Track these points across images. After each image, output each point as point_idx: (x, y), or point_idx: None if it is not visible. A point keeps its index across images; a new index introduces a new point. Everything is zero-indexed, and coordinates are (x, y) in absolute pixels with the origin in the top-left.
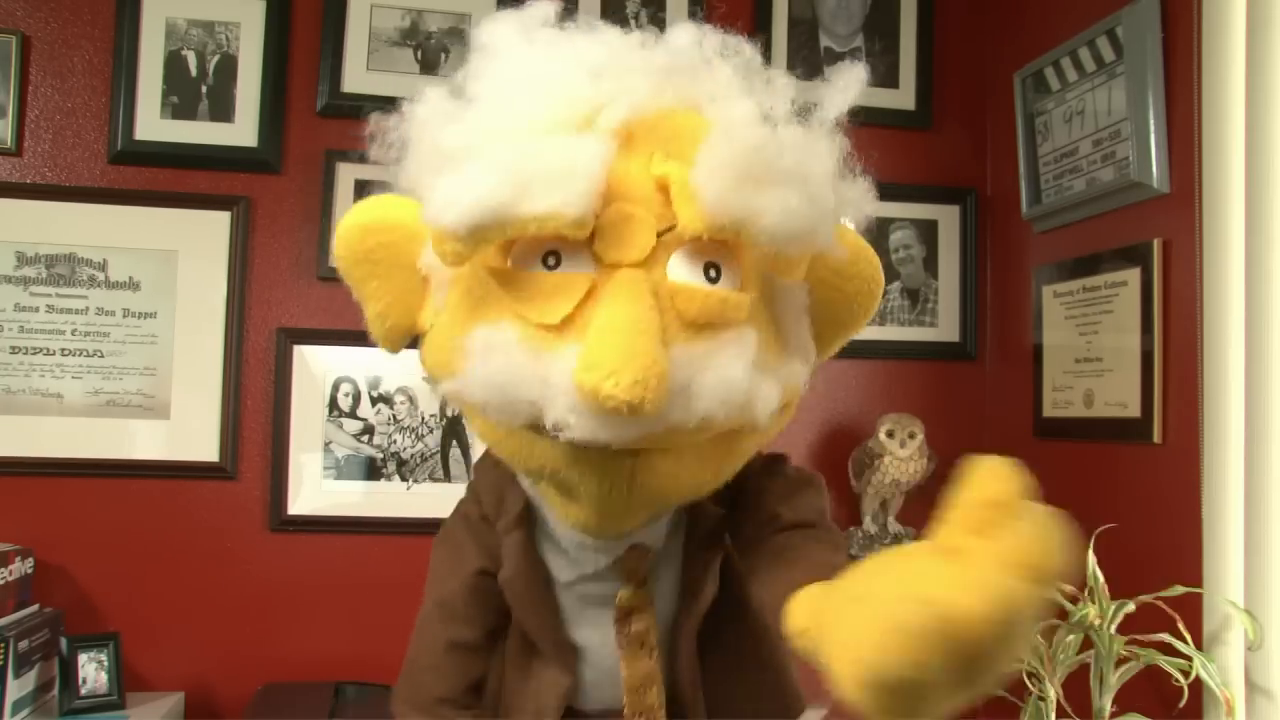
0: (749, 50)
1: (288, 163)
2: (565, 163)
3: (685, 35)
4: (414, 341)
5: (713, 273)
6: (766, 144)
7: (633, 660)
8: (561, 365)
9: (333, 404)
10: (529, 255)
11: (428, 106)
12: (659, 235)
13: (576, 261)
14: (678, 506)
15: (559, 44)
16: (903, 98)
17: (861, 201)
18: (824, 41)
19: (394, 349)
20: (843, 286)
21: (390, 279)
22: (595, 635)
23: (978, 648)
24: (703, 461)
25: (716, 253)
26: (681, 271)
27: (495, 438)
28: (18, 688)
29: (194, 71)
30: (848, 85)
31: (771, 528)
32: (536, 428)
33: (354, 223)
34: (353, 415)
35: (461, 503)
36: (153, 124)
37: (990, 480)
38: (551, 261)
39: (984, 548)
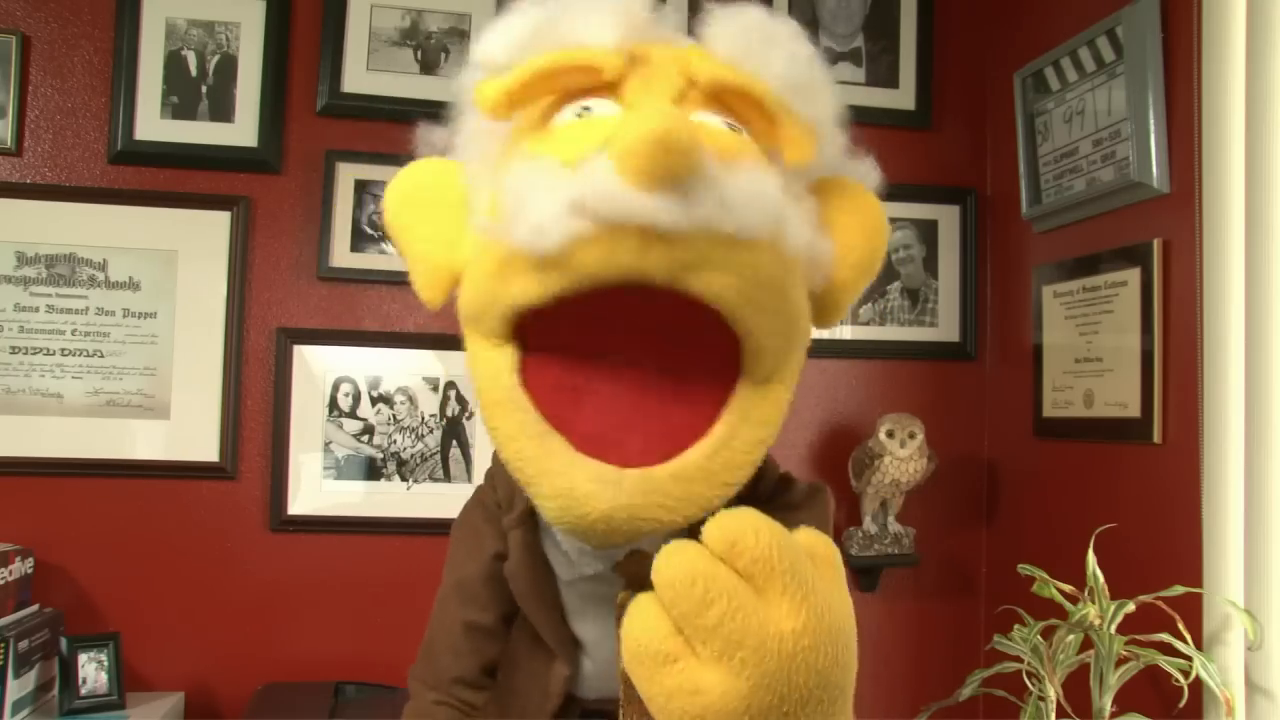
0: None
1: (288, 163)
2: (608, 6)
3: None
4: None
5: (735, 129)
6: (771, 18)
7: None
8: (595, 166)
9: (333, 404)
10: (561, 115)
11: (491, 29)
12: (682, 96)
13: (606, 108)
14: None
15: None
16: (903, 98)
17: (869, 175)
18: (824, 41)
19: (435, 295)
20: (848, 224)
21: (433, 218)
22: (596, 630)
23: None
24: (687, 496)
25: (739, 108)
26: (705, 119)
27: (500, 436)
28: (18, 688)
29: (194, 71)
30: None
31: None
32: (564, 240)
33: (400, 177)
34: (353, 415)
35: (479, 489)
36: (153, 124)
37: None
38: (583, 114)
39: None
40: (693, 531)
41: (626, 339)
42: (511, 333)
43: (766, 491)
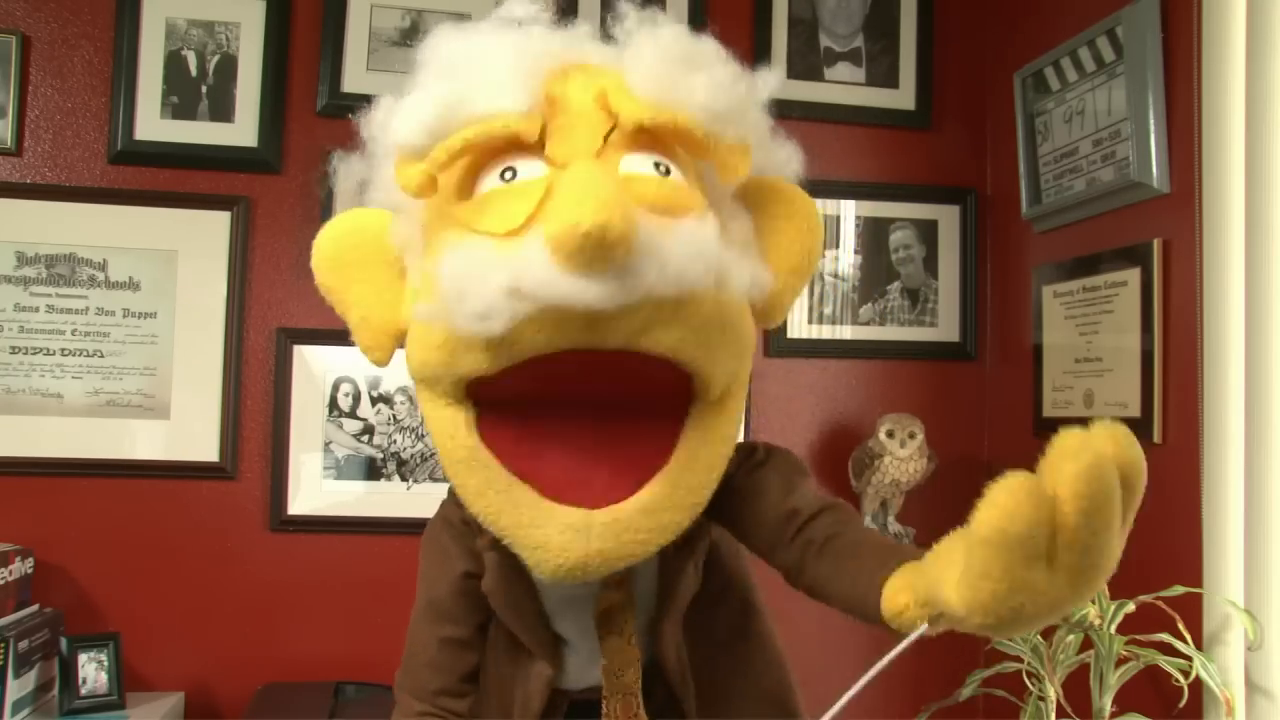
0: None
1: (288, 163)
2: (508, 66)
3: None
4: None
5: (662, 169)
6: (689, 38)
7: (611, 649)
8: (530, 248)
9: (333, 404)
10: (486, 175)
11: (379, 110)
12: (605, 137)
13: (531, 169)
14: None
15: (494, 32)
16: (902, 98)
17: (789, 162)
18: (824, 41)
19: (382, 357)
20: (784, 229)
21: (367, 280)
22: (578, 626)
23: (1087, 504)
24: (644, 528)
25: (663, 153)
26: (633, 166)
27: (465, 493)
28: (18, 688)
29: (194, 71)
30: (768, 78)
31: (793, 525)
32: (506, 320)
33: (325, 236)
34: (353, 415)
35: (444, 505)
36: (153, 124)
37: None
38: (508, 176)
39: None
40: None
41: (579, 384)
42: (464, 392)
43: (733, 464)
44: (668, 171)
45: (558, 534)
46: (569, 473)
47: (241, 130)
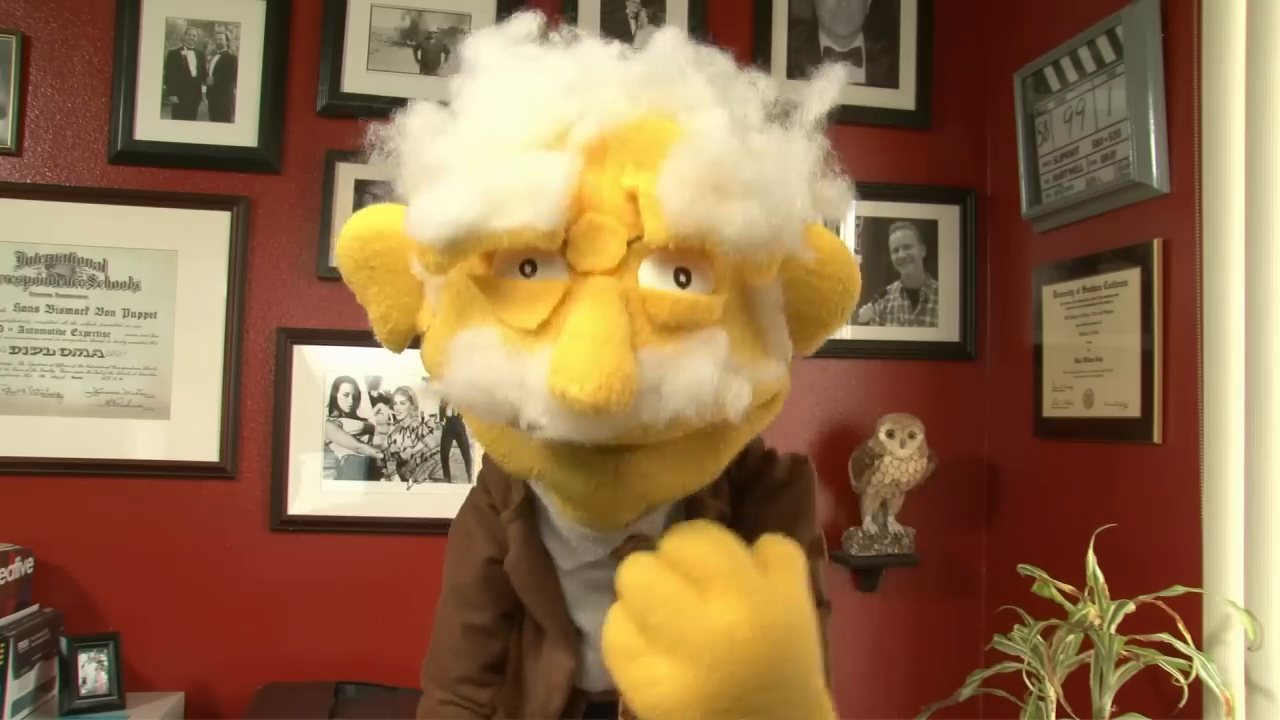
0: (723, 59)
1: (288, 163)
2: (535, 179)
3: (664, 44)
4: (416, 341)
5: (683, 278)
6: (730, 155)
7: None
8: (536, 368)
9: (333, 404)
10: (508, 263)
11: (417, 119)
12: (629, 244)
13: (551, 269)
14: (676, 500)
15: (537, 60)
16: (903, 98)
17: (839, 201)
18: (824, 41)
19: (398, 349)
20: (818, 285)
21: (389, 284)
22: (599, 619)
23: None
24: (684, 462)
25: (686, 258)
26: (652, 277)
27: (487, 438)
28: (18, 688)
29: (194, 71)
30: (826, 87)
31: None
32: (518, 426)
33: (351, 233)
34: (353, 415)
35: (473, 492)
36: (153, 124)
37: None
38: (529, 270)
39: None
40: (692, 520)
41: None
42: None
43: (752, 471)
44: (688, 280)
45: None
46: None
47: (241, 130)
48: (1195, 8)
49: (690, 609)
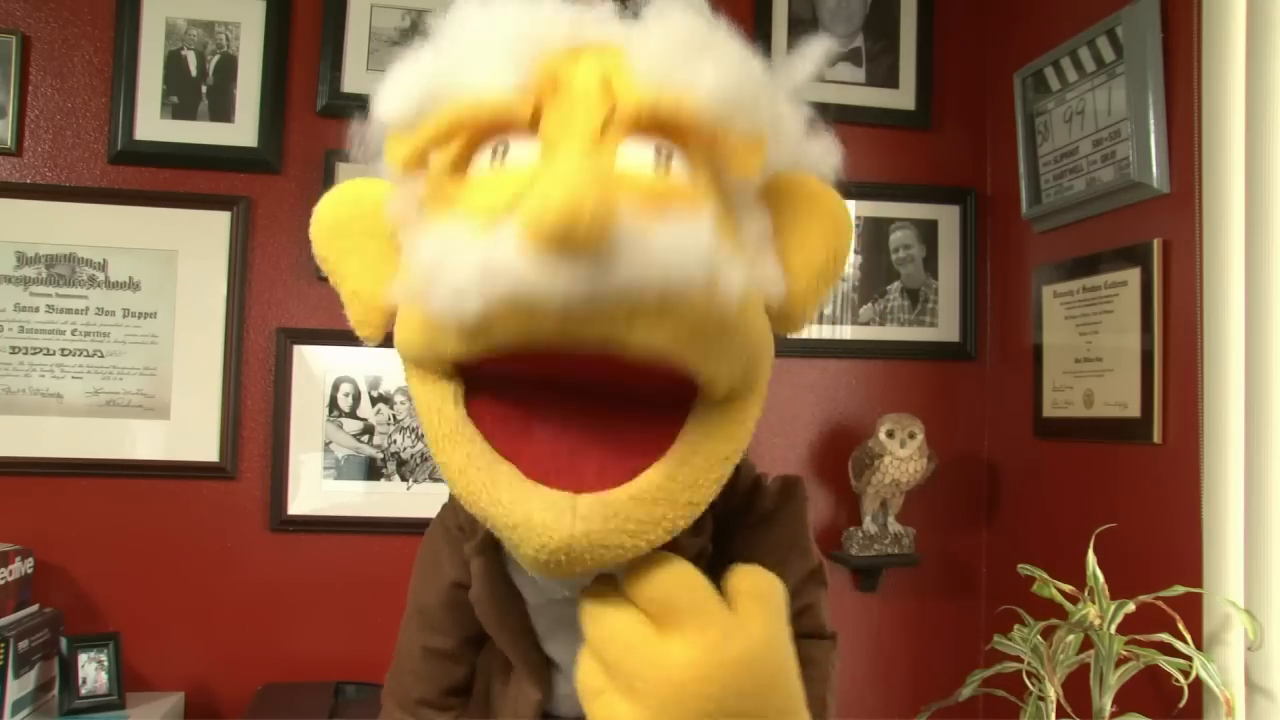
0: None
1: (288, 163)
2: (501, 42)
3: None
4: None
5: (665, 158)
6: (700, 23)
7: None
8: (506, 228)
9: (333, 404)
10: (478, 154)
11: (388, 82)
12: (605, 125)
13: (523, 149)
14: None
15: (511, 4)
16: (903, 98)
17: (826, 156)
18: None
19: (372, 333)
20: (808, 228)
21: (362, 251)
22: (569, 650)
23: None
24: (637, 519)
25: (668, 133)
26: (632, 157)
27: (452, 472)
28: (18, 688)
29: (194, 71)
30: (812, 52)
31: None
32: (481, 312)
33: (325, 204)
34: (353, 415)
35: (443, 509)
36: (153, 124)
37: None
38: (500, 152)
39: None
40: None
41: (574, 365)
42: (453, 370)
43: (740, 503)
44: (670, 158)
45: (540, 511)
46: (557, 456)
47: (241, 130)
48: (1195, 8)
49: (643, 647)
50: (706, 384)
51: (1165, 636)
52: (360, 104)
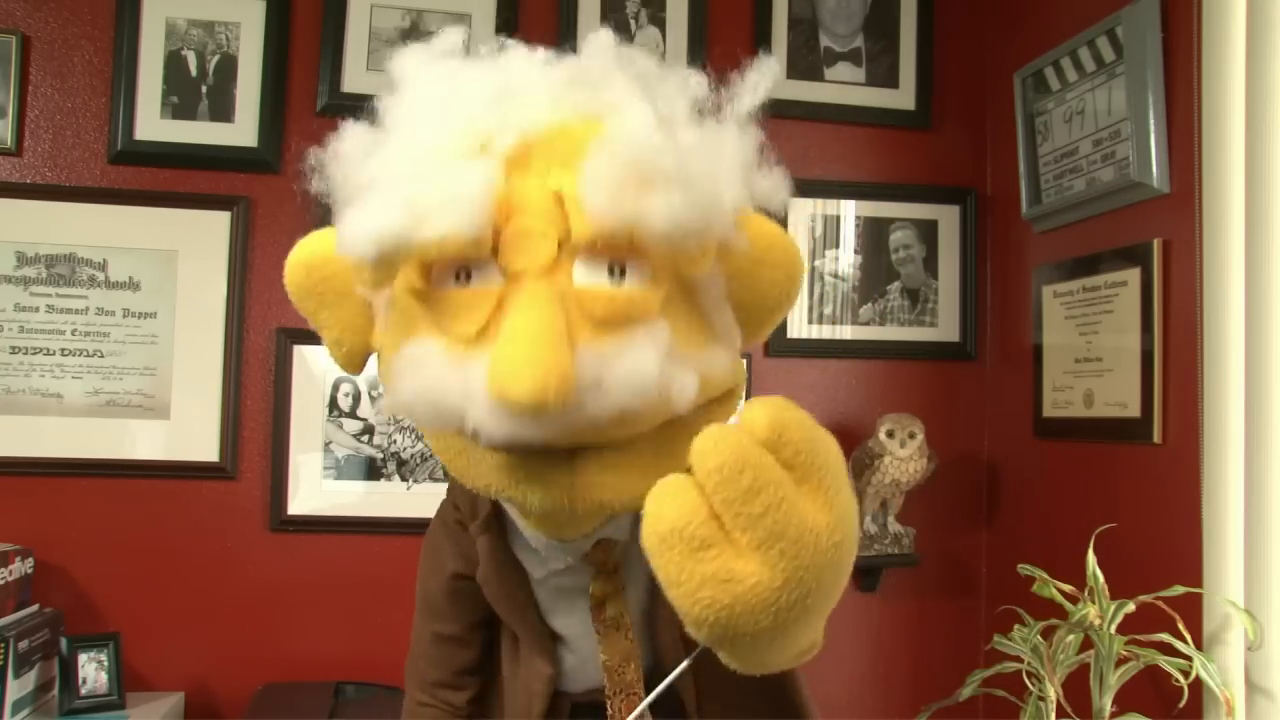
0: (648, 59)
1: (288, 163)
2: (457, 188)
3: (591, 47)
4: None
5: (618, 273)
6: (650, 148)
7: (610, 642)
8: (478, 374)
9: (333, 404)
10: (444, 274)
11: (347, 142)
12: (560, 245)
13: (485, 275)
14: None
15: (460, 73)
16: (902, 98)
17: (775, 191)
18: (824, 41)
19: (355, 370)
20: (760, 274)
21: (338, 308)
22: (574, 623)
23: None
24: (641, 467)
25: (618, 253)
26: (586, 276)
27: (446, 455)
28: (18, 688)
29: (194, 71)
30: (759, 80)
31: None
32: (467, 435)
33: (296, 261)
34: (353, 415)
35: (441, 506)
36: (153, 124)
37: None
38: (464, 278)
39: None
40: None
41: None
42: None
43: None
44: (623, 274)
45: (541, 468)
46: None
47: (241, 130)
48: (1195, 8)
49: (793, 502)
50: None
51: (1165, 636)
52: (360, 104)
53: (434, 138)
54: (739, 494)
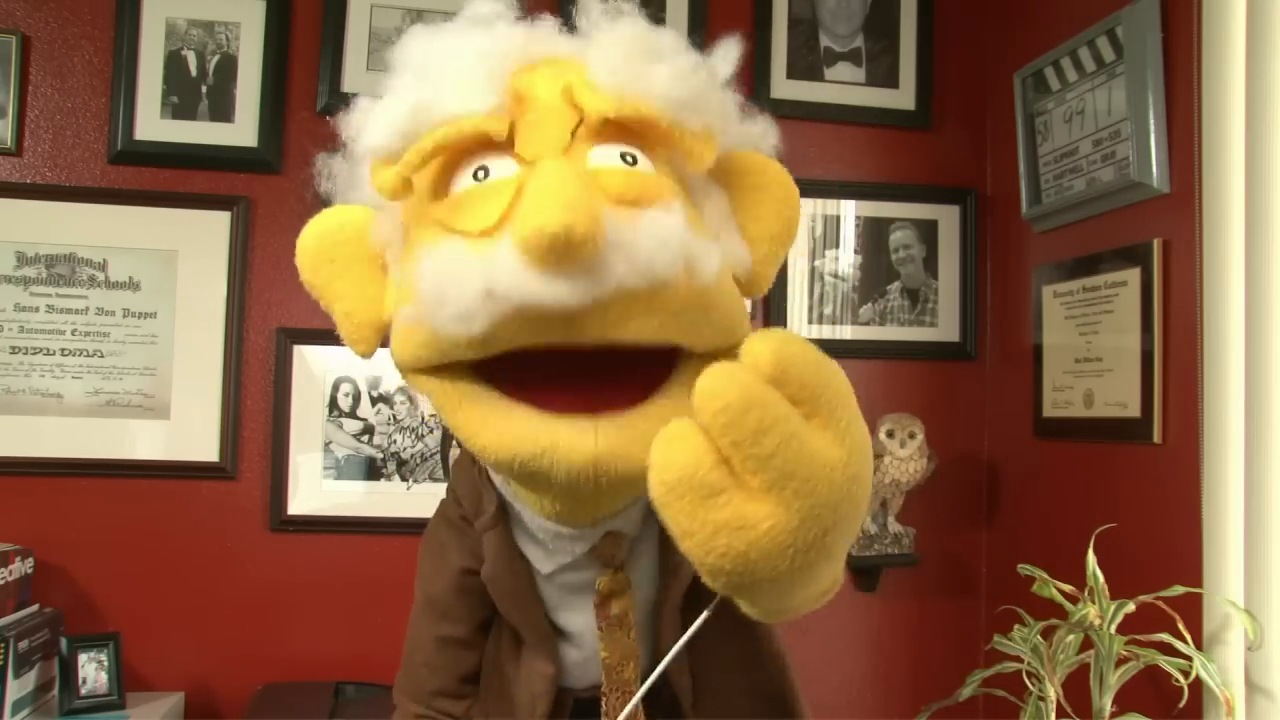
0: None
1: (288, 163)
2: (474, 66)
3: (584, 7)
4: (386, 343)
5: (630, 159)
6: (649, 31)
7: (611, 640)
8: (502, 249)
9: (333, 404)
10: (460, 177)
11: (356, 109)
12: (573, 134)
13: (502, 167)
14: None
15: (462, 30)
16: (902, 98)
17: (765, 135)
18: (824, 41)
19: (367, 349)
20: (763, 200)
21: (350, 274)
22: (579, 620)
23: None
24: None
25: (631, 138)
26: (601, 158)
27: (469, 430)
28: (18, 688)
29: (194, 71)
30: (727, 51)
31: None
32: (486, 325)
33: (308, 234)
34: (353, 415)
35: (442, 504)
36: (153, 124)
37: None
38: (480, 175)
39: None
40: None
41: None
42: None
43: None
44: (635, 161)
45: (566, 433)
46: (567, 394)
47: (241, 130)
48: (1195, 8)
49: (803, 439)
50: (690, 349)
51: (1165, 636)
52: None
53: (444, 52)
54: (747, 435)
